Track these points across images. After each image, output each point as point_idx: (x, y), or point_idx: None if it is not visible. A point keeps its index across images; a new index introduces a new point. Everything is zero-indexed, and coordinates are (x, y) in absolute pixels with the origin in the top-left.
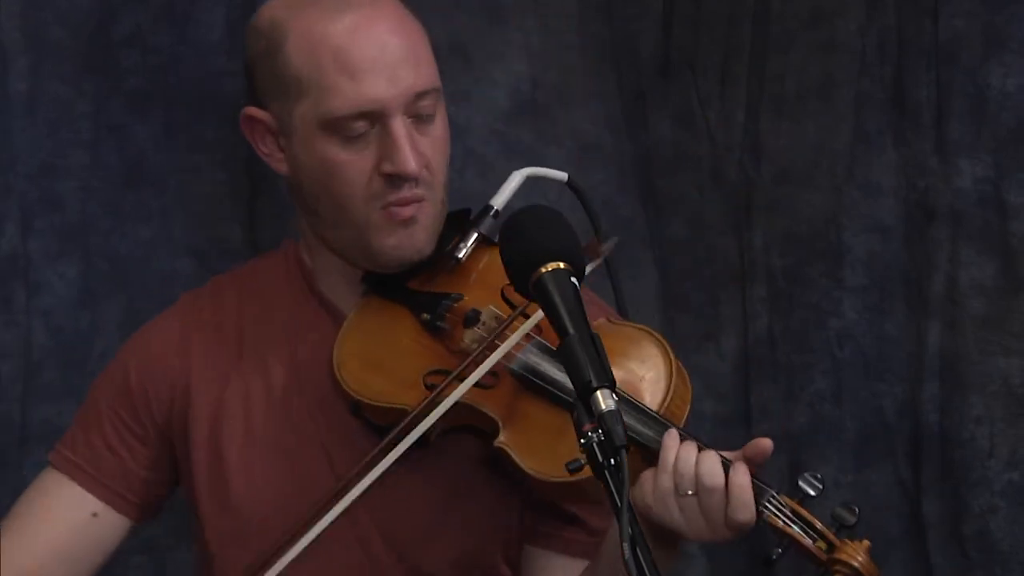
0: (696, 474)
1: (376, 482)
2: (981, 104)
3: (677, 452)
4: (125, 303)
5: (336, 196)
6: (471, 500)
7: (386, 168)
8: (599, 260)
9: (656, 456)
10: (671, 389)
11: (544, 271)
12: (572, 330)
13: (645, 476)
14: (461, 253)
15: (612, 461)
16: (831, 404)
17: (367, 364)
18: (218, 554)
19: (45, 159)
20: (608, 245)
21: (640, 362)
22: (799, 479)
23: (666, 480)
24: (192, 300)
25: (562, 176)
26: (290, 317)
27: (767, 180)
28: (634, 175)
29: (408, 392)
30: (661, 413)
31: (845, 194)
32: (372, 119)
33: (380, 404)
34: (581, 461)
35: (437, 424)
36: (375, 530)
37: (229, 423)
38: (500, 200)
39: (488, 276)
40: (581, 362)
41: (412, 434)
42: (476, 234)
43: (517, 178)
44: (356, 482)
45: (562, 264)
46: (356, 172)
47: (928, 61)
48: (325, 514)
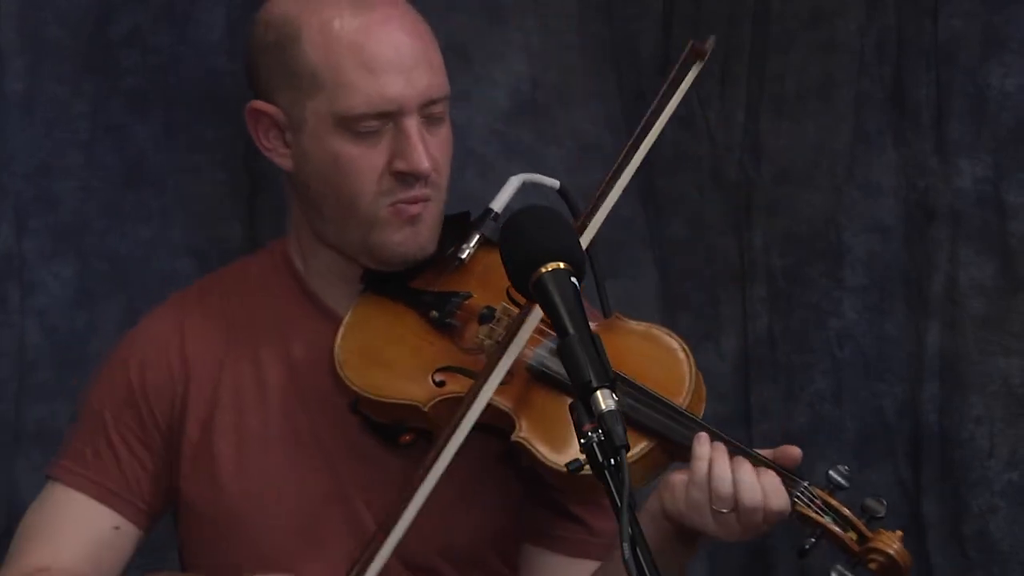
0: (736, 495)
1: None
2: (981, 104)
3: (711, 464)
4: (125, 303)
5: (344, 192)
6: (477, 501)
7: (399, 166)
8: (706, 59)
9: (677, 448)
10: (691, 385)
11: (544, 271)
12: (572, 330)
13: (676, 483)
14: (464, 254)
15: (612, 461)
16: (831, 404)
17: (371, 360)
18: (212, 554)
19: (42, 159)
20: (711, 42)
21: (659, 359)
22: (830, 470)
23: (698, 494)
24: (182, 301)
25: (554, 183)
26: (281, 316)
27: (767, 180)
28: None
29: (415, 388)
30: (685, 408)
31: (845, 194)
32: (387, 117)
33: (386, 400)
34: (581, 461)
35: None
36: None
37: (221, 418)
38: (499, 203)
39: (491, 276)
40: (581, 362)
41: (453, 441)
42: (478, 235)
43: (515, 182)
44: (407, 503)
45: (562, 264)
46: (367, 168)
47: (928, 61)
48: (384, 543)
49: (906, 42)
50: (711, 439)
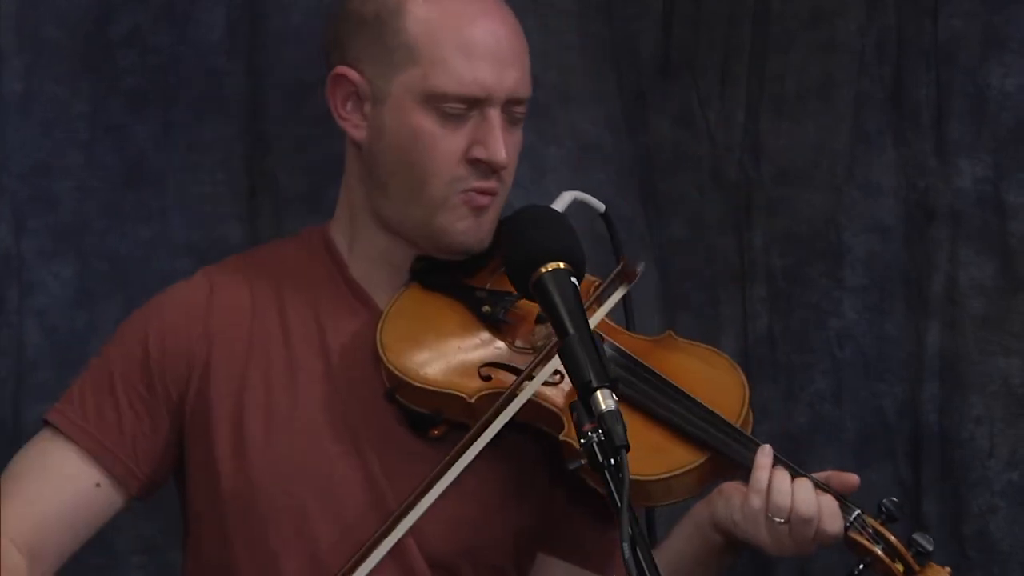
0: (792, 506)
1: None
2: (981, 104)
3: (771, 476)
4: (125, 303)
5: (419, 170)
6: (509, 505)
7: (478, 153)
8: (634, 282)
9: (728, 466)
10: (746, 409)
11: (544, 271)
12: (572, 330)
13: (733, 493)
14: None
15: (612, 461)
16: (831, 404)
17: (417, 347)
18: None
19: (40, 159)
20: (641, 267)
21: (717, 380)
22: (884, 500)
23: (757, 501)
24: (213, 274)
25: (599, 206)
26: (318, 300)
27: (767, 180)
28: (634, 175)
29: (461, 380)
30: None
31: (845, 194)
32: (473, 104)
33: (430, 388)
34: (581, 461)
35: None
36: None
37: (251, 397)
38: None
39: None
40: (581, 362)
41: (488, 432)
42: None
43: (567, 197)
44: (432, 485)
45: (562, 264)
46: (446, 150)
47: (928, 61)
48: (402, 519)
49: (906, 42)
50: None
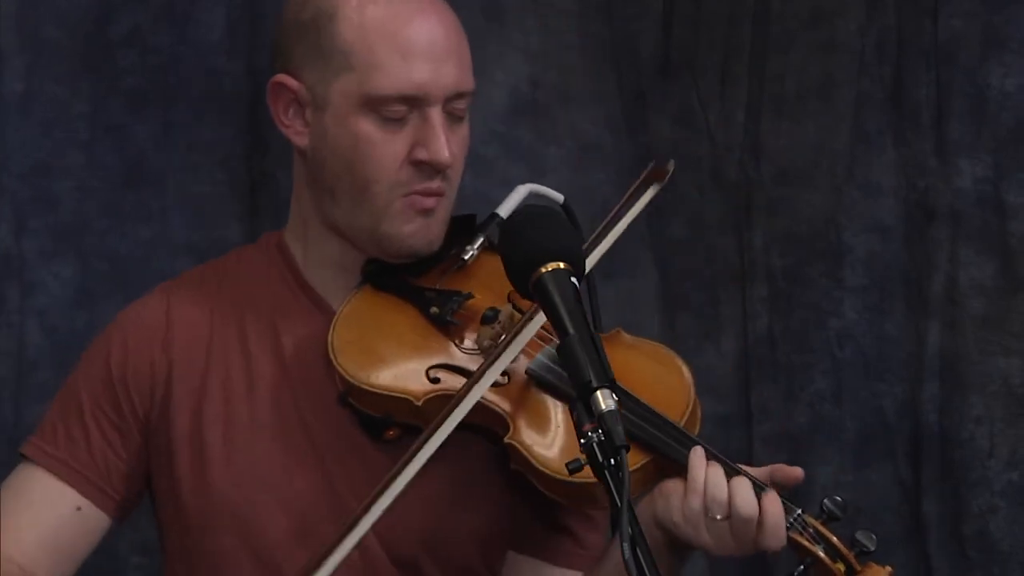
0: (730, 503)
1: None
2: (981, 104)
3: (706, 474)
4: (124, 303)
5: (361, 175)
6: (466, 502)
7: (420, 155)
8: (664, 182)
9: (671, 467)
10: (691, 407)
11: (544, 271)
12: (572, 330)
13: (672, 492)
14: (468, 255)
15: (612, 461)
16: (831, 404)
17: (366, 352)
18: (199, 541)
19: (40, 159)
20: (671, 165)
21: (661, 377)
22: (825, 499)
23: (695, 501)
24: (171, 289)
25: (559, 198)
26: (273, 305)
27: (767, 180)
28: (634, 175)
29: (410, 382)
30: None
31: (845, 194)
32: (412, 104)
33: (379, 391)
34: (581, 461)
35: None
36: (373, 535)
37: (210, 407)
38: (505, 209)
39: (494, 280)
40: (581, 362)
41: (439, 433)
42: (482, 238)
43: (523, 191)
44: (387, 487)
45: (562, 264)
46: (388, 154)
47: (928, 61)
48: (359, 521)
49: (906, 42)
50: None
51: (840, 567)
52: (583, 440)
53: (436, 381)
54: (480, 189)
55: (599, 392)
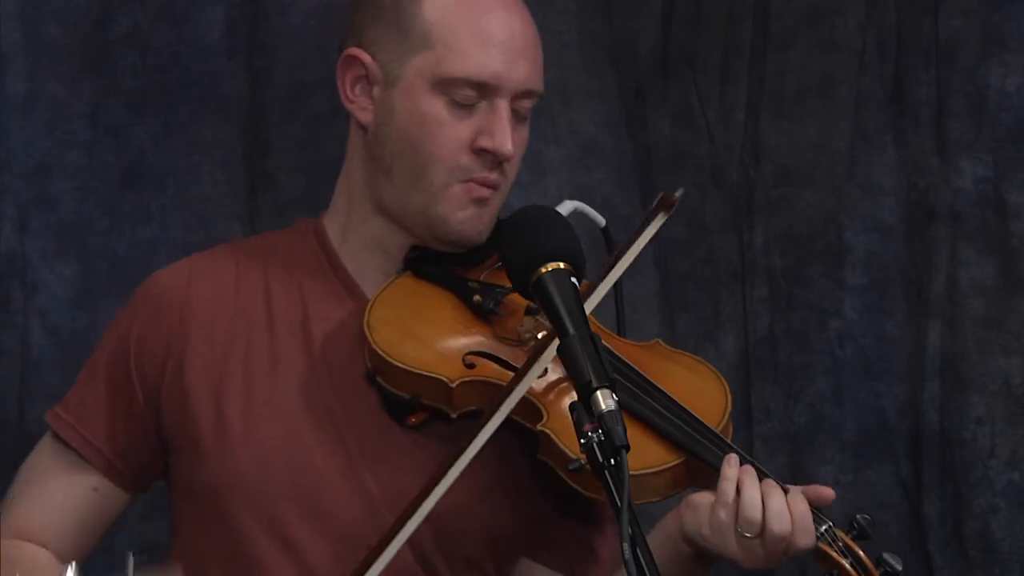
0: (765, 522)
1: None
2: (981, 104)
3: (740, 486)
4: (124, 303)
5: (423, 155)
6: (487, 499)
7: (484, 143)
8: (672, 211)
9: (704, 470)
10: (727, 419)
11: (544, 271)
12: (572, 330)
13: (701, 504)
14: None
15: (612, 461)
16: (831, 404)
17: (403, 332)
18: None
19: (41, 159)
20: (679, 194)
21: (701, 389)
22: (857, 516)
23: (723, 514)
24: (198, 260)
25: (600, 220)
26: (306, 288)
27: (767, 180)
28: (634, 175)
29: (444, 364)
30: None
31: (845, 194)
32: (483, 92)
33: (412, 371)
34: (581, 461)
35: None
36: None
37: (230, 382)
38: None
39: None
40: (581, 362)
41: (488, 427)
42: None
43: (568, 206)
44: (439, 479)
45: (562, 264)
46: (453, 137)
47: (927, 60)
48: (413, 514)
49: (906, 41)
50: (741, 462)
51: None
52: (583, 440)
53: (472, 367)
54: None
55: (599, 392)
